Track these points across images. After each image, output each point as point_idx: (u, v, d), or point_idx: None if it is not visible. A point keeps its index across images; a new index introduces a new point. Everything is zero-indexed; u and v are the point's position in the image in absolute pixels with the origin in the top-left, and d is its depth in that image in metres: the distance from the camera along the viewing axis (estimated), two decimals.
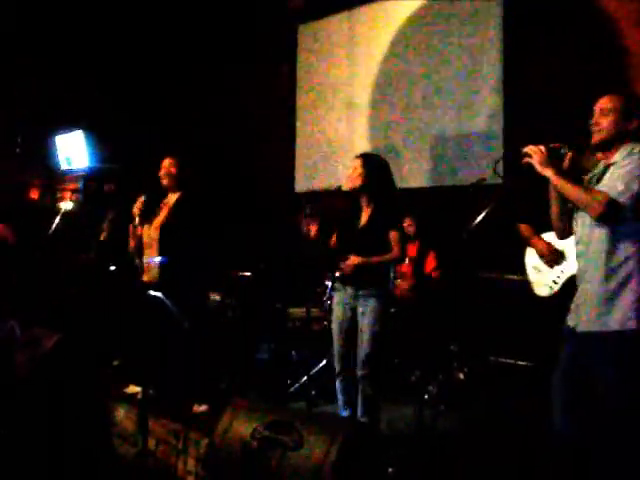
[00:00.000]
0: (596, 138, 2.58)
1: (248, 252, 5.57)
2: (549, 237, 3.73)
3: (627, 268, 2.46)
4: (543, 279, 3.74)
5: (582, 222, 2.62)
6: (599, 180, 2.56)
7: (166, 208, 4.13)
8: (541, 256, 3.74)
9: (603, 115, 2.56)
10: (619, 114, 2.54)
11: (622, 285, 2.47)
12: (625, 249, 2.47)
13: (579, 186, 2.55)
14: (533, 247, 3.84)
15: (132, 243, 4.18)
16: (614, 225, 2.48)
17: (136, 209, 4.05)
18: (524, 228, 3.90)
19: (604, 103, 2.57)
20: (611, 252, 2.49)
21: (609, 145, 2.57)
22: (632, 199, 2.41)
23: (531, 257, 3.89)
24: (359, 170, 3.71)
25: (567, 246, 3.51)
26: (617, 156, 2.53)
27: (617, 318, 2.46)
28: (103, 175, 6.83)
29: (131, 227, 4.14)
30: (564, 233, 2.79)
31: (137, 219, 4.07)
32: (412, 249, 5.18)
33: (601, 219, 2.48)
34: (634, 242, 2.47)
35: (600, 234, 2.52)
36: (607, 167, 2.55)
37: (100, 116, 6.88)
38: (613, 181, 2.47)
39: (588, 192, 2.51)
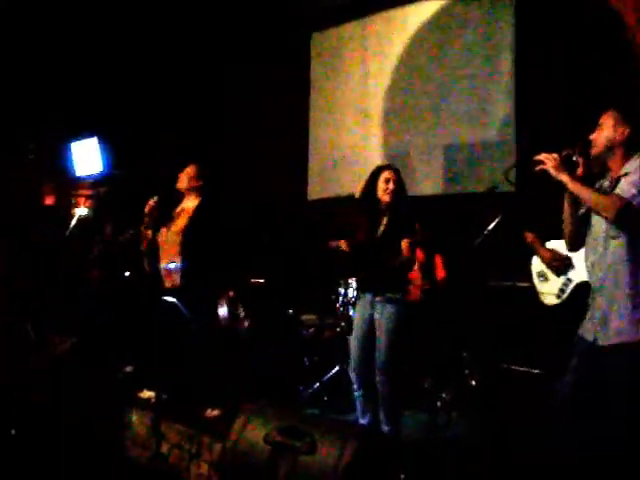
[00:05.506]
0: (592, 153, 2.64)
1: (261, 259, 5.58)
2: (556, 244, 3.68)
3: None
4: (550, 288, 3.68)
5: (596, 232, 2.62)
6: (611, 191, 2.57)
7: (185, 214, 4.16)
8: (547, 264, 3.68)
9: (597, 130, 2.64)
10: (609, 127, 2.60)
11: None
12: None
13: (594, 190, 2.60)
14: (538, 255, 3.78)
15: (143, 245, 4.23)
16: (631, 235, 2.48)
17: (146, 211, 4.10)
18: (529, 236, 3.83)
19: (600, 119, 2.64)
20: (631, 262, 2.48)
21: (605, 158, 2.62)
22: None
23: (537, 265, 3.83)
24: (393, 186, 3.62)
25: (575, 254, 3.47)
26: (628, 167, 2.55)
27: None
28: (117, 181, 6.90)
29: (142, 229, 4.19)
30: (575, 244, 2.79)
31: (146, 220, 4.13)
32: (420, 255, 5.16)
33: (617, 220, 2.49)
34: None
35: (618, 244, 2.52)
36: (619, 178, 2.56)
37: (115, 123, 6.94)
38: (626, 186, 2.49)
39: (603, 195, 2.55)
